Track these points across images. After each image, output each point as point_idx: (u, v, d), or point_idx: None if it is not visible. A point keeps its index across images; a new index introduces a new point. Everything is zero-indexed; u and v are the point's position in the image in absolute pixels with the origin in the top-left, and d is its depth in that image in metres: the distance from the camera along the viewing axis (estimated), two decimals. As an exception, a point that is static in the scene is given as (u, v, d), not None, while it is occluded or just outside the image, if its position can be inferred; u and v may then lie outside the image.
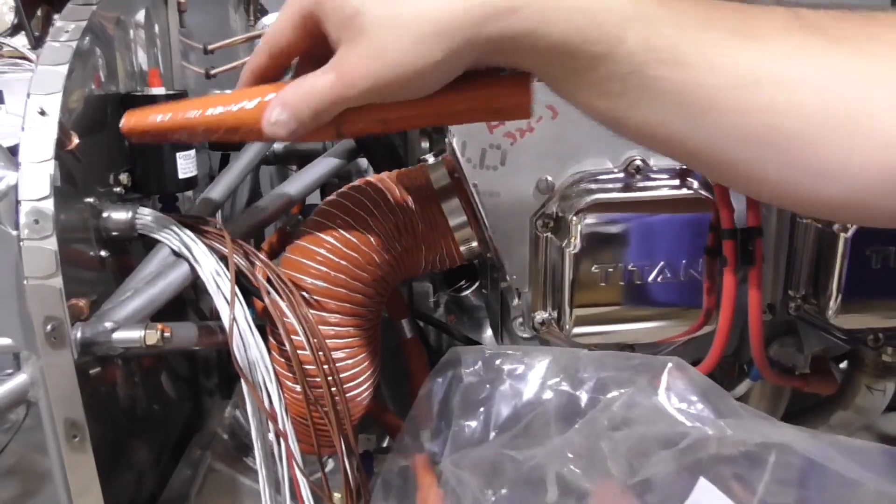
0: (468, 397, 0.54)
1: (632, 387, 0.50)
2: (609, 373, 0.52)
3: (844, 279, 0.54)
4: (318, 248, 0.56)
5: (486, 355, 0.56)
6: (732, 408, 0.48)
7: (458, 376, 0.56)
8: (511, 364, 0.54)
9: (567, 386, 0.52)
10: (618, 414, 0.49)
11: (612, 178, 0.56)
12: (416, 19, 0.39)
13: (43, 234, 0.45)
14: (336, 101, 0.42)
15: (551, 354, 0.54)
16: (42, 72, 0.47)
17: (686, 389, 0.49)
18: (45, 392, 0.46)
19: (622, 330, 0.58)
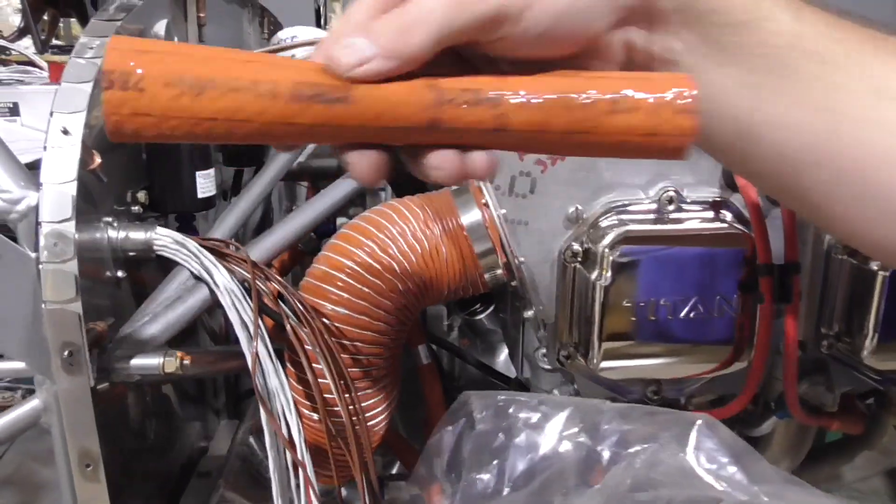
0: (480, 447, 0.52)
1: (656, 443, 0.47)
2: (633, 426, 0.49)
3: (881, 318, 0.53)
4: (340, 274, 0.55)
5: (498, 401, 0.53)
6: (766, 472, 0.45)
7: (470, 423, 0.53)
8: (526, 412, 0.52)
9: (586, 439, 0.49)
10: (641, 473, 0.46)
11: (644, 210, 0.55)
12: None
13: (63, 258, 0.43)
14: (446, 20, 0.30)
15: (571, 404, 0.52)
16: (66, 89, 0.46)
17: (716, 449, 0.46)
18: (59, 419, 0.45)
19: (650, 365, 0.56)
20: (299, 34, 0.95)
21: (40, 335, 0.44)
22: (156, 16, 0.67)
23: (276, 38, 1.00)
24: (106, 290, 0.51)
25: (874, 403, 0.67)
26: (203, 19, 0.76)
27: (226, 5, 0.94)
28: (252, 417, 0.73)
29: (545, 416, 0.50)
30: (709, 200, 0.55)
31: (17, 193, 0.45)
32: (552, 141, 0.31)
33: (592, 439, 0.49)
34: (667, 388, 0.59)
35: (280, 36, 0.99)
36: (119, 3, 0.55)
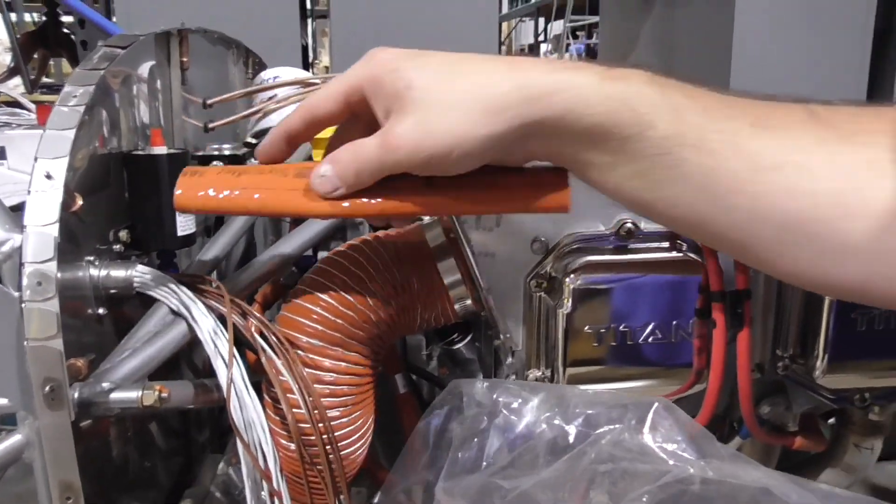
0: (466, 428, 0.56)
1: (621, 424, 0.52)
2: (599, 409, 0.53)
3: (831, 340, 0.55)
4: (314, 307, 0.57)
5: (485, 387, 0.57)
6: (716, 450, 0.49)
7: (459, 407, 0.57)
8: (508, 397, 0.56)
9: (559, 420, 0.54)
10: (605, 449, 0.50)
11: (605, 240, 0.58)
12: (466, 95, 0.42)
13: (45, 296, 0.45)
14: (379, 163, 0.44)
15: (546, 390, 0.56)
16: (50, 136, 0.48)
17: (672, 429, 0.50)
18: (41, 453, 0.46)
19: (614, 389, 0.59)
20: (281, 75, 0.98)
21: (23, 372, 0.46)
22: (140, 60, 0.69)
23: (259, 78, 1.03)
24: (87, 327, 0.53)
25: (835, 422, 0.70)
26: (186, 63, 0.79)
27: (210, 47, 0.97)
28: (233, 450, 0.75)
29: (524, 400, 0.54)
30: (665, 232, 0.58)
31: (1, 236, 0.48)
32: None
33: (563, 420, 0.53)
34: (632, 411, 0.61)
35: (263, 76, 1.02)
36: (103, 52, 0.58)
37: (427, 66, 0.43)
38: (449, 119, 0.42)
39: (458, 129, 0.42)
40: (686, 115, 0.41)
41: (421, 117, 0.42)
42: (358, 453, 0.60)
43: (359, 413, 0.59)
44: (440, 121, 0.42)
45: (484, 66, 0.43)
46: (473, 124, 0.41)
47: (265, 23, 1.88)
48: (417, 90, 0.42)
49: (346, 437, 0.58)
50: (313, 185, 0.46)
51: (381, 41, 0.86)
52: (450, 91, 0.42)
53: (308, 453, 0.54)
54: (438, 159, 0.43)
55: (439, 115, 0.42)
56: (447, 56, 0.44)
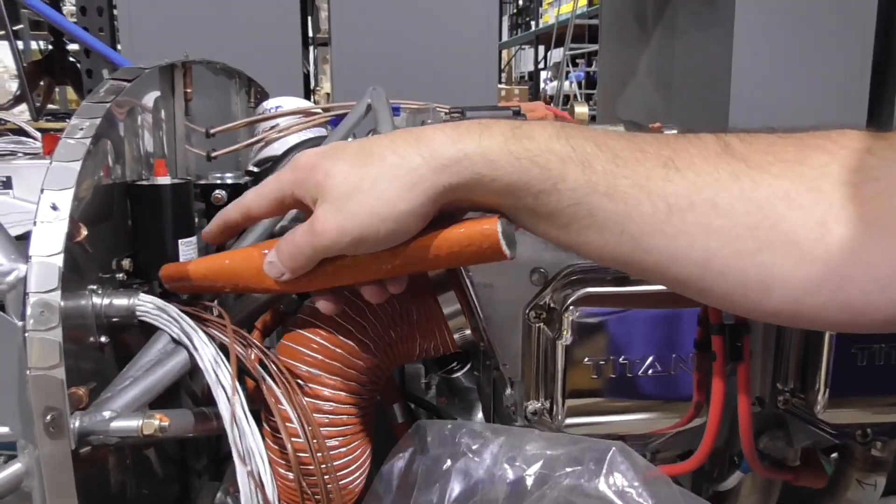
0: (429, 470, 0.56)
1: (579, 466, 0.52)
2: (558, 452, 0.54)
3: (831, 375, 0.56)
4: (314, 336, 0.57)
5: (448, 429, 0.58)
6: (671, 495, 0.50)
7: (422, 448, 0.58)
8: (469, 439, 0.57)
9: (520, 462, 0.54)
10: (561, 495, 0.51)
11: (604, 272, 0.58)
12: (381, 177, 0.44)
13: (48, 326, 0.45)
14: (311, 248, 0.48)
15: (507, 432, 0.57)
16: (56, 167, 0.49)
17: (628, 474, 0.51)
18: (40, 482, 0.46)
19: (613, 421, 0.59)
20: (283, 104, 0.99)
21: (24, 400, 0.46)
22: (145, 91, 0.70)
23: (261, 107, 1.05)
24: (88, 355, 0.53)
25: (837, 457, 0.70)
26: (190, 94, 0.80)
27: (213, 77, 0.99)
28: (231, 478, 0.74)
29: (486, 442, 0.55)
30: (664, 263, 0.59)
31: (6, 266, 0.48)
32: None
33: (523, 462, 0.54)
34: (632, 443, 0.61)
35: (265, 106, 1.04)
36: (109, 85, 0.59)
37: (342, 158, 0.46)
38: (368, 201, 0.44)
39: (378, 210, 0.44)
40: (595, 164, 0.42)
41: (341, 203, 0.45)
42: (356, 483, 0.60)
43: (357, 443, 0.59)
44: (360, 204, 0.45)
45: (394, 146, 0.45)
46: (391, 202, 0.44)
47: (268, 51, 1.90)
48: (335, 179, 0.45)
49: (345, 466, 0.58)
50: (265, 269, 0.51)
51: (381, 68, 0.85)
52: (364, 175, 0.45)
53: (306, 483, 0.54)
54: (367, 239, 0.46)
55: (358, 199, 0.45)
56: (361, 144, 0.47)
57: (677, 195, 0.41)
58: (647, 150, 0.43)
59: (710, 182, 0.41)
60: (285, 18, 1.98)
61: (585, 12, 5.06)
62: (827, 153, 0.41)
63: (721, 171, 0.41)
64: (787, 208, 0.40)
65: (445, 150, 0.44)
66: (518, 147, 0.43)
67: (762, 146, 0.42)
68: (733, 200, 0.41)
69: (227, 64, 0.99)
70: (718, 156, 0.42)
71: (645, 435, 0.60)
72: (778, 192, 0.40)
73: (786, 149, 0.42)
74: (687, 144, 0.43)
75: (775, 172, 0.41)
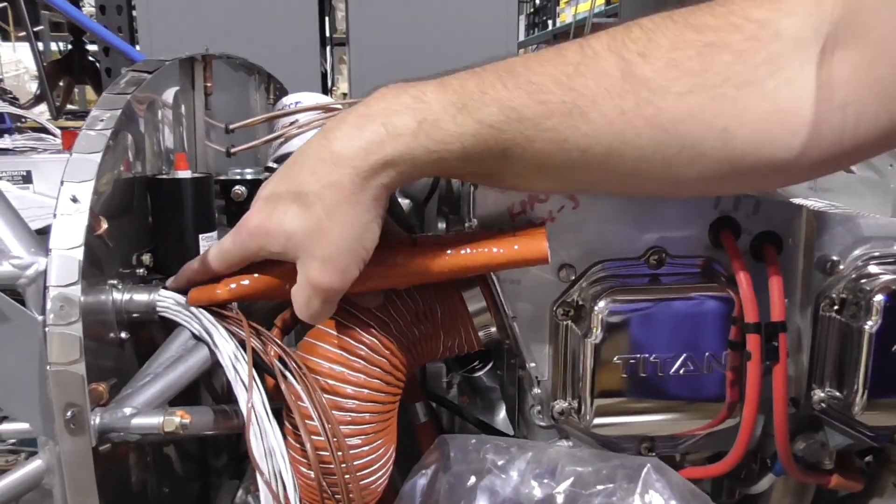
0: (452, 488, 0.54)
1: (612, 484, 0.51)
2: (588, 469, 0.53)
3: (870, 375, 0.54)
4: (336, 332, 0.56)
5: (472, 444, 0.56)
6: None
7: (446, 465, 0.56)
8: (495, 455, 0.55)
9: (548, 479, 0.53)
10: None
11: (634, 268, 0.57)
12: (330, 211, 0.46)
13: (69, 320, 0.45)
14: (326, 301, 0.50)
15: (535, 448, 0.55)
16: (76, 159, 0.48)
17: (663, 491, 0.49)
18: (61, 479, 0.46)
19: (643, 421, 0.57)
20: (303, 100, 0.99)
21: (45, 396, 0.46)
22: (165, 86, 0.70)
23: (280, 103, 1.04)
24: (109, 352, 0.52)
25: (873, 460, 0.67)
26: (210, 88, 0.80)
27: (233, 73, 0.98)
28: (251, 476, 0.73)
29: (512, 458, 0.53)
30: (696, 260, 0.57)
31: (27, 259, 0.47)
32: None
33: (552, 480, 0.52)
34: (661, 444, 0.59)
35: (284, 102, 1.03)
36: (130, 77, 0.58)
37: (286, 212, 0.48)
38: (335, 235, 0.47)
39: (349, 235, 0.47)
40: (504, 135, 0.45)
41: (319, 254, 0.47)
42: (378, 483, 0.59)
43: (380, 442, 0.57)
44: (332, 243, 0.47)
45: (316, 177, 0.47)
46: (353, 223, 0.47)
47: (286, 51, 1.90)
48: (297, 237, 0.48)
49: (367, 466, 0.56)
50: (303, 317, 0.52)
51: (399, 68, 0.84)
52: (317, 219, 0.47)
53: (327, 482, 0.53)
54: (358, 258, 0.48)
55: (329, 240, 0.47)
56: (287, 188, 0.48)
57: (587, 140, 0.44)
58: (549, 101, 0.44)
59: (615, 119, 0.44)
60: (303, 18, 1.98)
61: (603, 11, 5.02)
62: (731, 51, 0.43)
63: (625, 103, 0.44)
64: (692, 125, 0.43)
65: (364, 164, 0.46)
66: (429, 142, 0.45)
67: (664, 58, 0.43)
68: (640, 131, 0.44)
69: (246, 59, 0.99)
70: (621, 85, 0.44)
71: (675, 436, 0.59)
72: (681, 113, 0.43)
73: (688, 54, 0.43)
74: (589, 79, 0.44)
75: (678, 90, 0.43)
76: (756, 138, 0.43)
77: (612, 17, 4.87)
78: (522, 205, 0.56)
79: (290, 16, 1.96)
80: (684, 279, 0.56)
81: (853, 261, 0.58)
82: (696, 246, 0.57)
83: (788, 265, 0.57)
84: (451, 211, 0.74)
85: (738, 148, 0.43)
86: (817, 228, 0.57)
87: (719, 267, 0.57)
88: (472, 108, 0.45)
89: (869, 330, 0.53)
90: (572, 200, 0.56)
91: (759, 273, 0.55)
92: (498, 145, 0.45)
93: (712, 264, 0.57)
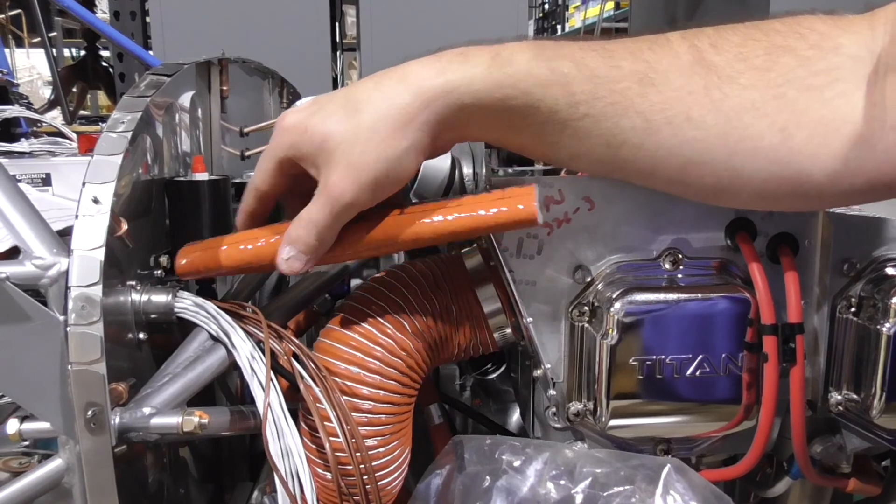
0: (467, 489, 0.54)
1: (631, 485, 0.50)
2: (607, 469, 0.52)
3: (888, 378, 0.53)
4: (352, 333, 0.56)
5: (487, 444, 0.56)
6: None
7: (461, 465, 0.55)
8: (511, 455, 0.55)
9: (566, 480, 0.52)
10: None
11: (650, 270, 0.57)
12: (375, 122, 0.46)
13: (90, 320, 0.45)
14: (332, 216, 0.48)
15: (551, 448, 0.55)
16: (97, 161, 0.49)
17: (684, 492, 0.49)
18: (81, 479, 0.46)
19: (659, 423, 0.57)
20: (316, 104, 0.99)
21: (66, 396, 0.46)
22: (182, 89, 0.70)
23: (294, 106, 1.04)
24: (128, 352, 0.53)
25: (891, 464, 0.67)
26: (226, 92, 0.80)
27: (247, 77, 0.99)
28: (267, 478, 0.74)
29: (528, 458, 0.53)
30: (712, 261, 0.57)
31: (49, 260, 0.48)
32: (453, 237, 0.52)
33: (570, 481, 0.52)
34: (677, 446, 0.59)
35: (298, 105, 1.03)
36: (149, 80, 0.58)
37: (333, 113, 0.47)
38: (371, 149, 0.46)
39: (382, 153, 0.46)
40: (574, 85, 0.45)
41: (347, 159, 0.46)
42: (394, 484, 0.59)
43: (396, 443, 0.58)
44: (364, 153, 0.46)
45: (379, 88, 0.47)
46: (392, 142, 0.46)
47: (298, 56, 1.91)
48: (333, 139, 0.46)
49: (384, 467, 0.57)
50: (283, 270, 0.50)
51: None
52: (359, 124, 0.46)
53: (345, 483, 0.53)
54: (380, 184, 0.47)
55: (362, 149, 0.46)
56: (346, 93, 0.48)
57: (653, 110, 0.45)
58: (622, 66, 0.45)
59: (683, 96, 0.45)
60: (315, 23, 2.00)
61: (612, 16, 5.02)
62: (795, 56, 0.44)
63: (694, 83, 0.45)
64: (754, 118, 0.44)
65: (430, 84, 0.45)
66: (500, 74, 0.45)
67: (733, 51, 0.45)
68: (705, 113, 0.44)
69: (261, 63, 0.99)
70: (691, 67, 0.45)
71: (691, 438, 0.58)
72: (745, 103, 0.44)
73: (755, 52, 0.45)
74: (661, 56, 0.46)
75: (744, 83, 0.44)
76: (812, 143, 0.44)
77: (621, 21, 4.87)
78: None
79: (301, 21, 1.98)
80: (700, 280, 0.56)
81: (870, 262, 0.57)
82: (712, 247, 0.57)
83: (805, 266, 0.57)
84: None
85: (795, 149, 0.44)
86: (834, 230, 0.57)
87: (735, 268, 0.57)
88: (547, 56, 0.46)
89: (887, 332, 0.53)
90: (587, 202, 0.56)
91: (775, 274, 0.55)
92: (566, 97, 0.45)
93: (728, 265, 0.57)
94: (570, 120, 0.46)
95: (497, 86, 0.45)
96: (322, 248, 0.49)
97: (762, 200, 0.49)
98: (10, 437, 0.48)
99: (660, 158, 0.46)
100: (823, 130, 0.43)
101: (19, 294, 0.46)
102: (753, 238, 0.56)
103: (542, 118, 0.46)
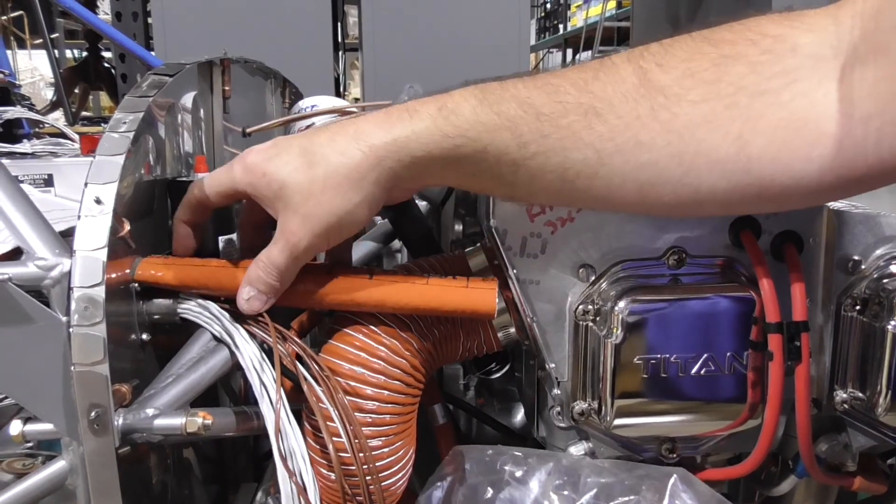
0: (469, 500, 0.54)
1: (636, 496, 0.50)
2: (611, 480, 0.52)
3: (893, 376, 0.53)
4: (356, 334, 0.56)
5: (489, 455, 0.55)
6: None
7: (462, 477, 0.55)
8: (513, 466, 0.54)
9: (569, 491, 0.52)
10: None
11: (654, 268, 0.56)
12: (329, 177, 0.48)
13: (93, 321, 0.45)
14: (291, 259, 0.50)
15: (554, 459, 0.54)
16: (100, 161, 0.48)
17: (691, 502, 0.48)
18: (84, 480, 0.46)
19: (664, 422, 0.57)
20: (319, 103, 0.99)
21: (69, 397, 0.46)
22: (184, 89, 0.70)
23: (296, 107, 1.05)
24: (131, 353, 0.53)
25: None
26: (228, 92, 0.80)
27: (250, 78, 0.99)
28: (271, 478, 0.74)
29: (530, 469, 0.52)
30: (716, 259, 0.57)
31: (51, 260, 0.48)
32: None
33: (574, 492, 0.51)
34: (682, 445, 0.59)
35: (300, 105, 1.03)
36: (151, 80, 0.58)
37: (289, 163, 0.49)
38: (324, 201, 0.48)
39: (335, 207, 0.48)
40: (521, 126, 0.46)
41: (304, 210, 0.49)
42: (398, 485, 0.59)
43: (400, 443, 0.57)
44: (319, 205, 0.48)
45: (334, 144, 0.48)
46: (345, 197, 0.48)
47: (300, 56, 1.91)
48: (290, 188, 0.48)
49: (387, 467, 0.56)
50: (244, 309, 0.53)
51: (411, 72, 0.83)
52: (314, 178, 0.48)
53: (348, 484, 0.53)
54: (333, 233, 0.50)
55: (316, 201, 0.48)
56: (302, 144, 0.49)
57: (602, 140, 0.45)
58: (567, 101, 0.46)
59: (630, 122, 0.45)
60: (317, 24, 2.00)
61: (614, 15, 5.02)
62: (746, 63, 0.44)
63: (640, 107, 0.44)
64: (707, 132, 0.44)
65: (380, 142, 0.47)
66: (446, 125, 0.46)
67: (680, 67, 0.45)
68: (654, 136, 0.44)
69: (263, 63, 0.99)
70: (636, 90, 0.45)
71: (696, 437, 0.58)
72: (696, 119, 0.44)
73: (703, 65, 0.44)
74: (606, 84, 0.45)
75: (693, 98, 0.44)
76: (772, 147, 0.43)
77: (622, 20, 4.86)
78: (541, 205, 0.56)
79: (303, 21, 1.98)
80: (704, 279, 0.56)
81: (875, 260, 0.57)
82: (716, 246, 0.57)
83: (809, 265, 0.57)
84: (468, 213, 0.74)
85: (754, 156, 0.44)
86: (838, 228, 0.57)
87: (740, 267, 0.57)
88: (492, 101, 0.46)
89: (892, 330, 0.53)
90: (591, 201, 0.56)
91: (779, 273, 0.55)
92: (514, 139, 0.46)
93: (733, 264, 0.57)
94: (522, 160, 0.47)
95: (444, 136, 0.46)
96: (282, 287, 0.52)
97: (730, 209, 0.50)
98: (14, 438, 0.47)
99: (616, 185, 0.46)
100: (783, 133, 0.43)
101: (22, 295, 0.46)
102: (758, 236, 0.56)
103: (494, 161, 0.47)
